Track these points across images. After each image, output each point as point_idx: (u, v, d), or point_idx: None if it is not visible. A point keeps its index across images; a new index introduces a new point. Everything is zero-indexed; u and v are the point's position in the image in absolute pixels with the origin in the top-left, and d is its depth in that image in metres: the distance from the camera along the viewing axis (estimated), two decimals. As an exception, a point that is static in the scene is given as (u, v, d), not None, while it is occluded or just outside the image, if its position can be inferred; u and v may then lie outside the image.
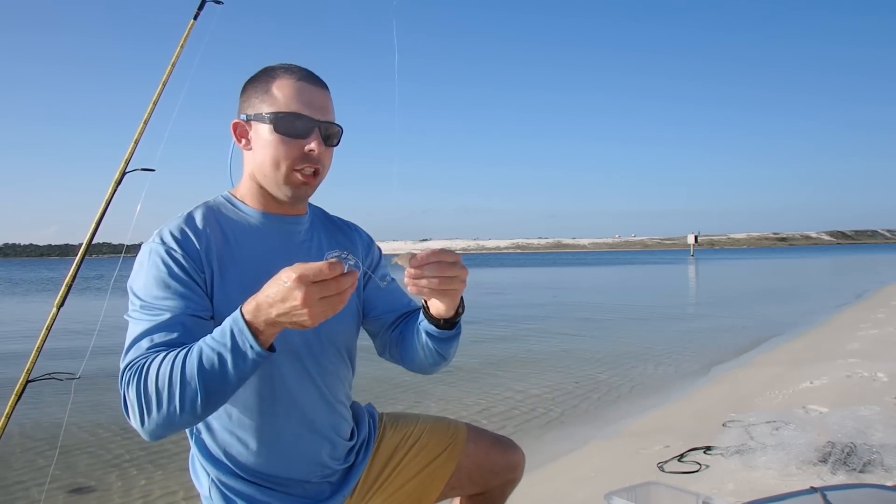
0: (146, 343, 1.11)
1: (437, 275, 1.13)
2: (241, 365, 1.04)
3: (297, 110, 1.26)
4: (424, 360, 1.38)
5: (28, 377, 2.21)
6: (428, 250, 1.13)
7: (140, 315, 1.15)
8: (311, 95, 1.28)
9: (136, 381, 1.05)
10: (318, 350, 1.34)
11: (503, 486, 1.64)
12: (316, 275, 0.98)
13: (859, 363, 5.78)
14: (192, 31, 2.47)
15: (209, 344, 1.05)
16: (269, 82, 1.28)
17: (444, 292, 1.16)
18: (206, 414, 1.08)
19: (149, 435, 1.07)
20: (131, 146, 2.37)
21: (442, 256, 1.13)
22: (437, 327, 1.29)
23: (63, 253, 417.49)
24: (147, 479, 3.80)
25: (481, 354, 7.95)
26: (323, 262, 0.99)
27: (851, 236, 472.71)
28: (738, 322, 11.27)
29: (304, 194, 1.31)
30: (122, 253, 2.26)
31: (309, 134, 1.26)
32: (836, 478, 2.86)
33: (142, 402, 1.05)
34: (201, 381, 1.03)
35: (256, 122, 1.28)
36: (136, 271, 1.21)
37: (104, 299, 2.23)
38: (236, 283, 1.23)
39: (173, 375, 1.04)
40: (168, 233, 1.23)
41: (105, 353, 3.12)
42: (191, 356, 1.05)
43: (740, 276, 32.31)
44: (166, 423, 1.06)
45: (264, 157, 1.28)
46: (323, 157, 1.29)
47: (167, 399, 1.04)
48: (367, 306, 1.49)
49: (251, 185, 1.33)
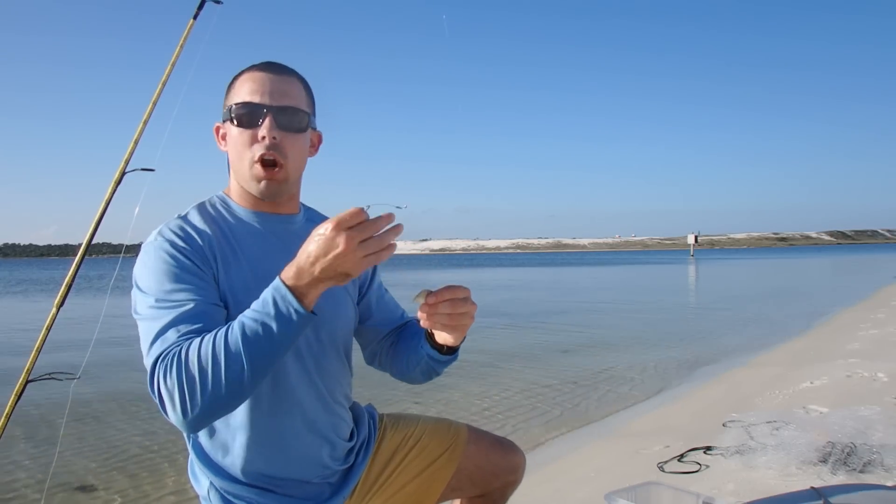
0: (173, 334, 1.08)
1: (450, 311, 1.18)
2: (287, 331, 1.04)
3: (247, 99, 1.25)
4: (417, 375, 1.43)
5: (28, 377, 2.21)
6: (442, 287, 1.19)
7: (156, 311, 1.12)
8: (265, 83, 1.26)
9: (176, 369, 1.02)
10: (319, 350, 1.33)
11: (503, 488, 1.64)
12: (352, 218, 0.98)
13: (859, 363, 5.78)
14: (192, 30, 2.47)
15: (250, 316, 1.04)
16: (235, 80, 1.30)
17: (454, 327, 1.22)
18: (252, 389, 1.06)
19: (191, 424, 1.04)
20: (131, 146, 2.37)
21: (455, 293, 1.18)
22: (439, 353, 1.35)
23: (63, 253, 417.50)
24: (147, 479, 3.80)
25: (481, 354, 7.95)
26: (354, 208, 0.99)
27: (851, 236, 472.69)
28: (739, 322, 11.28)
29: (272, 188, 1.27)
30: (121, 253, 2.26)
31: (259, 120, 1.24)
32: (836, 478, 2.86)
33: (184, 388, 1.01)
34: (247, 354, 1.02)
35: (224, 121, 1.29)
36: (141, 270, 1.19)
37: (104, 299, 2.23)
38: (240, 283, 1.23)
39: (216, 352, 1.02)
40: (168, 230, 1.22)
41: (105, 353, 3.12)
42: (232, 331, 1.03)
43: (740, 276, 32.32)
44: (211, 408, 1.03)
45: (232, 154, 1.29)
46: (283, 144, 1.25)
47: (212, 378, 1.01)
48: (364, 314, 1.50)
49: (236, 185, 1.33)
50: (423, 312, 1.19)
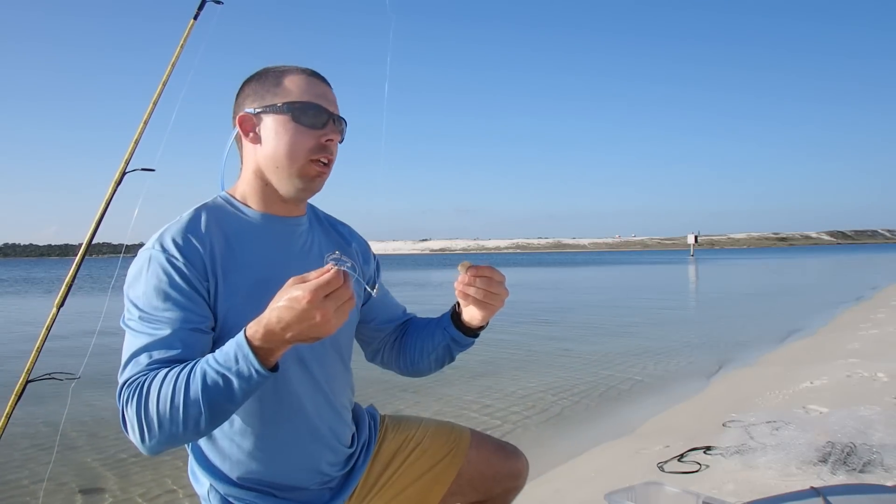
0: (145, 359, 1.09)
1: (485, 288, 1.26)
2: (245, 387, 1.04)
3: (313, 100, 1.27)
4: (429, 364, 1.48)
5: (28, 377, 2.21)
6: (484, 265, 1.27)
7: (139, 326, 1.12)
8: (322, 89, 1.30)
9: (137, 400, 1.04)
10: (322, 355, 1.33)
11: (505, 494, 1.62)
12: (330, 285, 0.97)
13: (859, 363, 5.77)
14: (192, 31, 2.48)
15: (212, 366, 1.03)
16: (280, 76, 1.29)
17: (485, 305, 1.29)
18: (209, 432, 1.08)
19: (148, 451, 1.07)
20: (131, 146, 2.37)
21: (493, 274, 1.26)
22: (463, 334, 1.40)
23: (63, 253, 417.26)
24: (147, 478, 3.80)
25: (481, 354, 7.94)
26: (330, 273, 0.98)
27: (851, 236, 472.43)
28: (738, 322, 11.27)
29: (315, 187, 1.30)
30: (121, 253, 2.26)
31: (325, 124, 1.27)
32: (836, 478, 2.85)
33: (142, 421, 1.03)
34: (206, 403, 1.03)
35: (270, 113, 1.26)
36: (135, 278, 1.17)
37: (104, 299, 2.23)
38: (239, 289, 1.22)
39: (176, 397, 1.02)
40: (169, 239, 1.19)
41: (105, 353, 3.12)
42: (194, 377, 1.03)
43: (740, 276, 32.30)
44: (167, 441, 1.05)
45: (278, 148, 1.25)
46: (334, 151, 1.31)
47: (169, 420, 1.03)
48: (369, 315, 1.51)
49: (255, 182, 1.30)
50: (459, 284, 1.27)
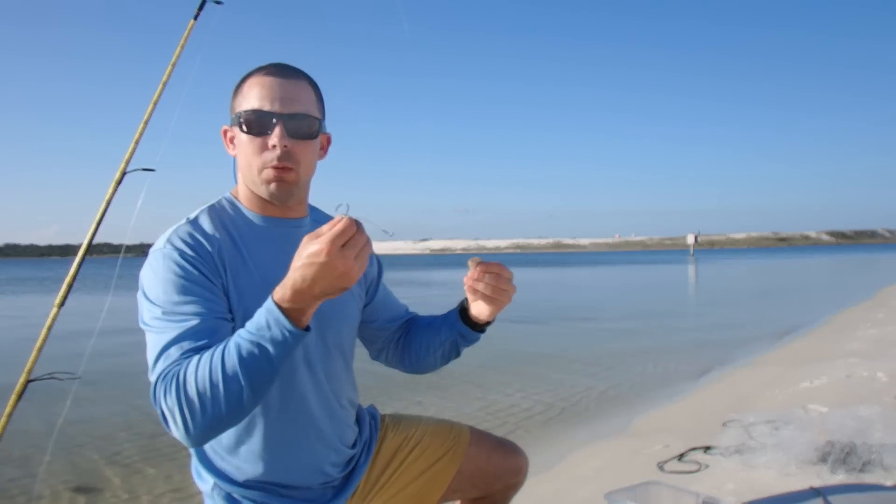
0: (175, 351, 1.08)
1: (493, 283, 1.28)
2: (280, 352, 1.03)
3: (257, 107, 1.22)
4: (434, 360, 1.49)
5: (28, 377, 2.21)
6: (494, 262, 1.30)
7: (162, 324, 1.11)
8: (275, 89, 1.22)
9: (175, 388, 1.02)
10: (325, 354, 1.33)
11: (505, 491, 1.63)
12: (345, 234, 0.98)
13: (859, 363, 5.77)
14: (193, 31, 2.48)
15: (245, 338, 1.03)
16: (242, 83, 1.27)
17: (492, 300, 1.31)
18: (251, 408, 1.06)
19: (194, 441, 1.05)
20: (132, 146, 2.37)
21: (502, 270, 1.29)
22: (471, 329, 1.41)
23: (63, 253, 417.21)
24: (148, 477, 3.81)
25: (481, 354, 7.94)
26: (343, 222, 0.99)
27: (851, 236, 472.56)
28: (738, 322, 11.27)
29: (283, 192, 1.25)
30: (122, 253, 2.27)
31: (270, 129, 1.21)
32: (835, 478, 2.86)
33: (184, 409, 1.02)
34: (245, 376, 1.01)
35: (233, 125, 1.27)
36: (149, 278, 1.16)
37: (105, 299, 2.23)
38: (249, 291, 1.21)
39: (214, 375, 1.01)
40: (178, 237, 1.20)
41: (106, 352, 3.12)
42: (229, 353, 1.02)
43: (740, 276, 32.31)
44: (212, 426, 1.03)
45: (241, 160, 1.27)
46: (296, 151, 1.23)
47: (211, 401, 1.01)
48: (372, 315, 1.52)
49: (245, 189, 1.31)
50: (468, 279, 1.29)
